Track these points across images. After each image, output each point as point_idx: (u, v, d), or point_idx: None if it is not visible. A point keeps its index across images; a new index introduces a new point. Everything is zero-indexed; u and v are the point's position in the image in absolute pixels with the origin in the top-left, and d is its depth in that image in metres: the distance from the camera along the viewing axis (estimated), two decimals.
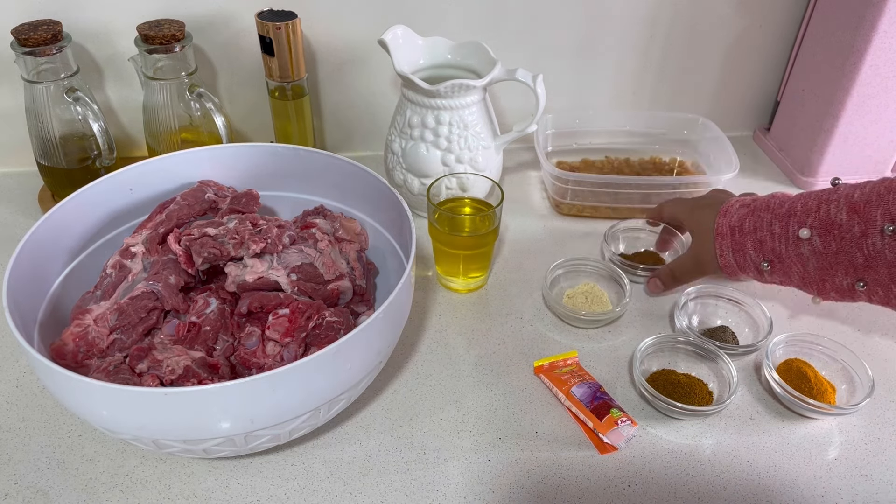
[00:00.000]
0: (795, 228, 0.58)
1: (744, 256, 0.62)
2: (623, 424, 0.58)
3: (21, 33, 0.72)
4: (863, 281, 0.55)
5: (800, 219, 0.58)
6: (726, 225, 0.63)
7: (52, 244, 0.60)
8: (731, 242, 0.62)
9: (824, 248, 0.56)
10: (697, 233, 0.67)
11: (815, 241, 0.57)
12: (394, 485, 0.55)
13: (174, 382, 0.54)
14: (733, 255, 0.62)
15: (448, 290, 0.75)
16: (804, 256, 0.58)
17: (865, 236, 0.54)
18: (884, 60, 0.82)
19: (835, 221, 0.55)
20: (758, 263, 0.61)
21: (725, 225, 0.63)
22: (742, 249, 0.61)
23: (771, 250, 0.60)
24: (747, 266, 0.62)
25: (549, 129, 0.95)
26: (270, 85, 0.84)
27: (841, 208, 0.55)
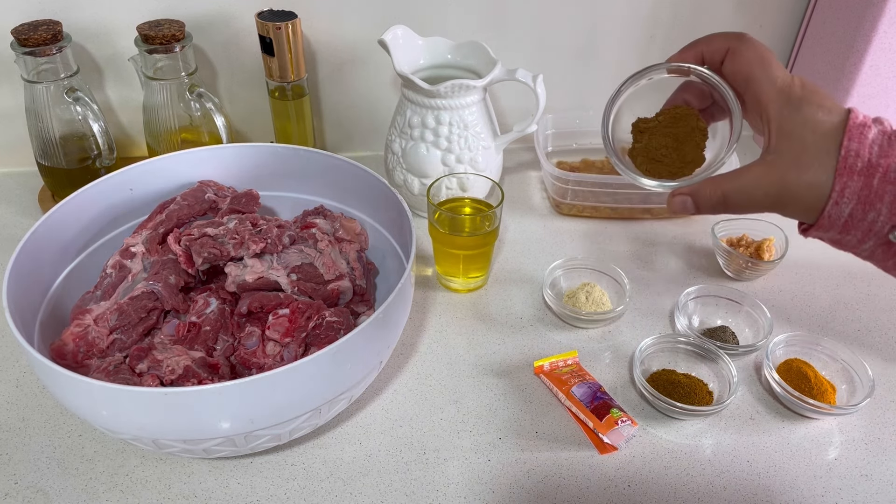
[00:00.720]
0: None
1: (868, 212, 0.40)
2: (623, 424, 0.58)
3: (21, 33, 0.72)
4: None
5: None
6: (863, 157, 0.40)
7: (52, 244, 0.60)
8: (864, 187, 0.40)
9: None
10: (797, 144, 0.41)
11: None
12: (394, 485, 0.55)
13: (174, 382, 0.54)
14: (855, 205, 0.40)
15: (448, 290, 0.75)
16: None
17: None
18: (884, 60, 0.82)
19: None
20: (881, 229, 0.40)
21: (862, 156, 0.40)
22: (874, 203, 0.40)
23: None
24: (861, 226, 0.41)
25: (549, 129, 0.95)
26: (270, 85, 0.84)
27: None
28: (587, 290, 0.73)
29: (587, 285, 0.73)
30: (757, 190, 0.42)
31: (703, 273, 0.79)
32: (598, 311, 0.70)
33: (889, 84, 0.84)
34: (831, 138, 0.41)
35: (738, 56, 0.44)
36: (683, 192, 0.45)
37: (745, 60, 0.44)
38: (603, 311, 0.70)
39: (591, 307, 0.71)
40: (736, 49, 0.44)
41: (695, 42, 0.47)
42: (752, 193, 0.43)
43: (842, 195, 0.40)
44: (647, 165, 0.48)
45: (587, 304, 0.71)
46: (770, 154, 0.42)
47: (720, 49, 0.45)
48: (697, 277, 0.78)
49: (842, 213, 0.41)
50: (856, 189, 0.40)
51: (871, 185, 0.40)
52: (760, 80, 0.43)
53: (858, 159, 0.40)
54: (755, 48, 0.44)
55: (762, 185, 0.42)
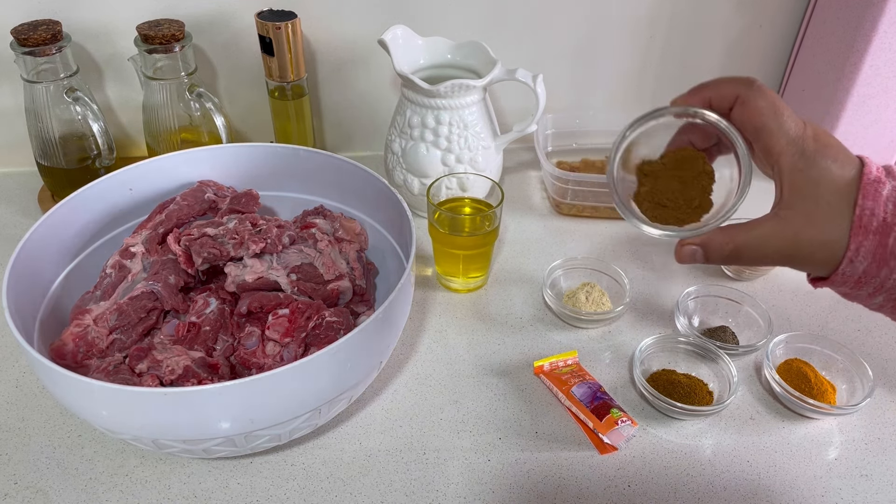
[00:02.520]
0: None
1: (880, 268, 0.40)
2: (623, 424, 0.58)
3: (21, 33, 0.72)
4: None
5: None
6: (878, 216, 0.39)
7: (52, 244, 0.60)
8: (878, 246, 0.39)
9: None
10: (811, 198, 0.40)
11: None
12: (394, 485, 0.55)
13: (174, 382, 0.54)
14: (869, 265, 0.39)
15: (448, 290, 0.75)
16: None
17: None
18: (884, 60, 0.82)
19: None
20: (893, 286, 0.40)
21: (877, 215, 0.39)
22: (887, 260, 0.39)
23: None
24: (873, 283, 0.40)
25: (549, 129, 0.95)
26: (270, 85, 0.84)
27: None
28: (587, 290, 0.73)
29: (587, 285, 0.73)
30: (769, 246, 0.42)
31: (703, 273, 0.79)
32: (598, 312, 0.70)
33: (889, 84, 0.84)
34: (845, 196, 0.40)
35: (748, 104, 0.42)
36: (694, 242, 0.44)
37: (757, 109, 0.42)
38: (603, 311, 0.70)
39: (591, 307, 0.71)
40: (746, 97, 0.42)
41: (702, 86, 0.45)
42: (765, 249, 0.42)
43: (856, 254, 0.39)
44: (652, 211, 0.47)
45: (587, 304, 0.71)
46: (783, 209, 0.41)
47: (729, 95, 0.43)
48: (697, 277, 0.78)
49: (856, 270, 0.40)
50: (871, 248, 0.39)
51: (886, 244, 0.39)
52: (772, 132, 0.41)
53: (874, 218, 0.39)
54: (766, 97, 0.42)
55: (775, 242, 0.41)
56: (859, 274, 0.40)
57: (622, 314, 0.72)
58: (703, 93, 0.44)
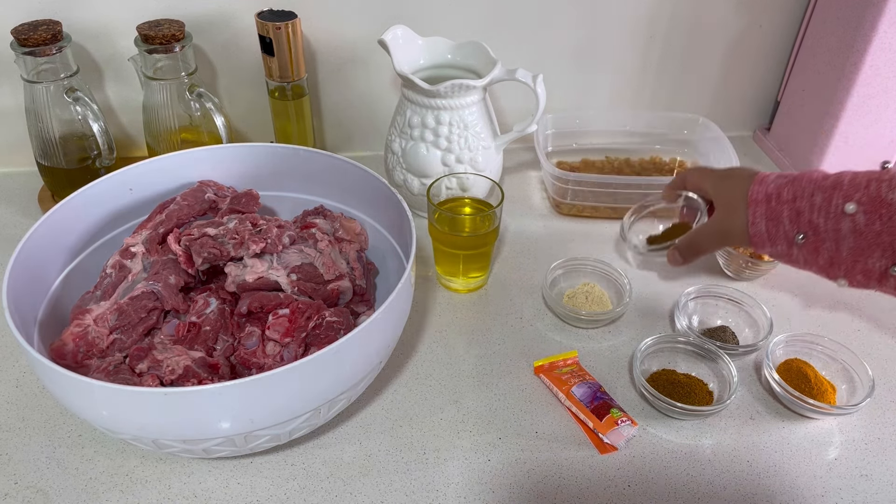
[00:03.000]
0: (840, 202, 0.54)
1: (777, 226, 0.57)
2: (623, 424, 0.58)
3: (21, 33, 0.72)
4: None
5: (846, 192, 0.54)
6: (762, 192, 0.58)
7: (52, 244, 0.60)
8: (767, 210, 0.58)
9: (867, 226, 0.53)
10: (726, 202, 0.62)
11: (860, 218, 0.53)
12: (394, 485, 0.55)
13: (174, 382, 0.54)
14: (766, 223, 0.58)
15: (448, 290, 0.75)
16: (842, 233, 0.54)
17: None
18: (884, 60, 0.82)
19: (885, 200, 0.52)
20: (791, 235, 0.57)
21: (761, 192, 0.58)
22: (777, 218, 0.57)
23: (808, 222, 0.56)
24: (778, 237, 0.58)
25: (549, 129, 0.95)
26: (270, 85, 0.84)
27: (894, 188, 0.52)
28: (587, 290, 0.73)
29: (587, 285, 0.73)
30: (710, 234, 0.65)
31: (703, 273, 0.79)
32: (598, 311, 0.70)
33: (889, 84, 0.84)
34: (744, 190, 0.60)
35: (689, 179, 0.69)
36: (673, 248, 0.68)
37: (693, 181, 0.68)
38: (603, 311, 0.70)
39: (591, 307, 0.71)
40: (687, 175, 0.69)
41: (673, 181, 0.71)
42: (708, 236, 0.65)
43: (754, 217, 0.59)
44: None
45: (587, 304, 0.71)
46: (716, 213, 0.64)
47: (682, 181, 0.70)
48: (697, 277, 0.78)
49: (759, 230, 0.58)
50: (762, 212, 0.58)
51: (772, 206, 0.58)
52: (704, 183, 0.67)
53: (759, 194, 0.59)
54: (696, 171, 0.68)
55: (713, 231, 0.64)
56: (764, 232, 0.58)
57: (622, 314, 0.72)
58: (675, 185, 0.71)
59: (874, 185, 0.53)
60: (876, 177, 0.54)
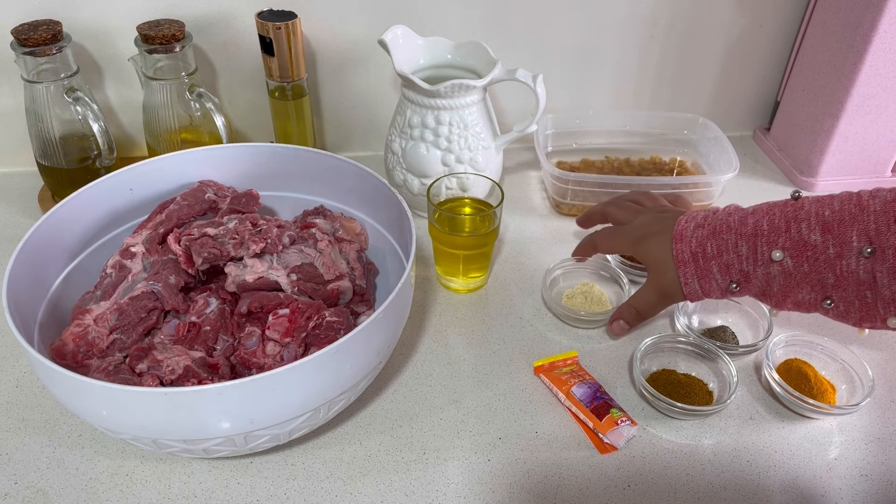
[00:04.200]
0: (766, 249, 0.54)
1: (709, 281, 0.58)
2: (623, 424, 0.58)
3: (21, 33, 0.72)
4: (830, 299, 0.54)
5: (769, 239, 0.54)
6: (687, 251, 0.58)
7: (52, 244, 0.60)
8: (696, 269, 0.58)
9: (795, 268, 0.53)
10: (653, 264, 0.61)
11: (787, 262, 0.54)
12: (394, 485, 0.55)
13: (174, 382, 0.54)
14: (699, 282, 0.58)
15: (448, 290, 0.75)
16: (771, 276, 0.55)
17: (840, 257, 0.52)
18: (884, 60, 0.82)
19: (808, 242, 0.53)
20: (724, 285, 0.57)
21: (686, 251, 0.58)
22: (708, 275, 0.58)
23: (738, 271, 0.56)
24: (713, 290, 0.58)
25: (549, 129, 0.95)
26: (270, 85, 0.84)
27: (813, 228, 0.52)
28: (586, 290, 0.73)
29: (586, 285, 0.73)
30: (650, 298, 0.63)
31: None
32: (598, 312, 0.70)
33: (889, 84, 0.84)
34: (667, 248, 0.60)
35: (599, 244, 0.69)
36: (614, 317, 0.67)
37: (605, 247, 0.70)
38: (602, 311, 0.70)
39: (591, 307, 0.71)
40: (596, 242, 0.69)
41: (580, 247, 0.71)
42: (649, 301, 0.63)
43: (686, 278, 0.59)
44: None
45: (586, 304, 0.71)
46: (648, 277, 0.63)
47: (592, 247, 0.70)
48: None
49: (694, 288, 0.59)
50: (692, 272, 0.58)
51: (700, 265, 0.58)
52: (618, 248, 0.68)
53: (684, 253, 0.59)
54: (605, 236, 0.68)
55: (650, 295, 0.63)
56: (698, 289, 0.59)
57: None
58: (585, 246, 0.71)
59: (794, 228, 0.53)
60: (793, 216, 0.54)
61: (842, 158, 0.92)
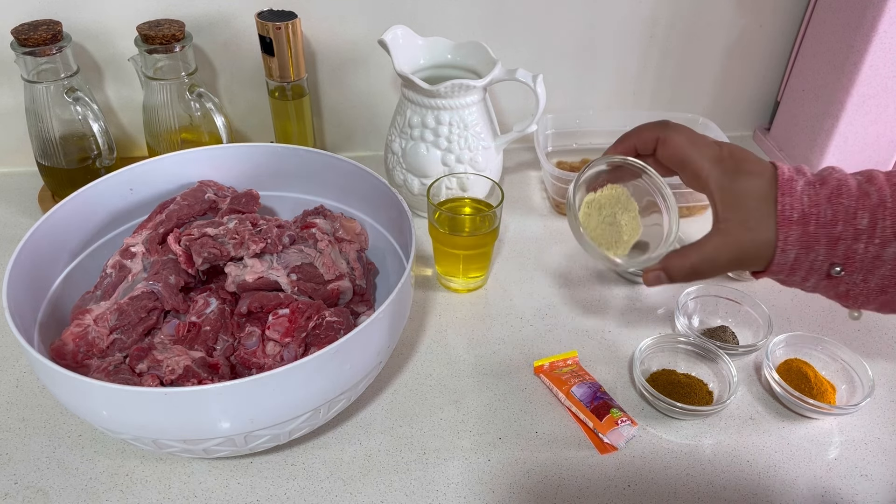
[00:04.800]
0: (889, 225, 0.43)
1: (808, 255, 0.45)
2: (623, 424, 0.58)
3: (21, 33, 0.72)
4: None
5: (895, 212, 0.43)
6: (797, 209, 0.45)
7: (52, 244, 0.60)
8: (802, 235, 0.45)
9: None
10: (741, 210, 0.47)
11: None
12: (394, 485, 0.55)
13: (174, 382, 0.54)
14: (797, 252, 0.45)
15: (448, 290, 0.75)
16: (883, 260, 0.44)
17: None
18: (884, 60, 0.82)
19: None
20: (821, 267, 0.46)
21: (796, 209, 0.45)
22: (812, 247, 0.45)
23: (846, 250, 0.45)
24: (803, 269, 0.46)
25: (549, 129, 0.95)
26: (270, 85, 0.84)
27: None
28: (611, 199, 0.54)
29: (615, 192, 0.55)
30: (719, 257, 0.48)
31: None
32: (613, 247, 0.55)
33: (889, 84, 0.84)
34: (767, 198, 0.46)
35: (668, 142, 0.50)
36: (655, 268, 0.51)
37: (676, 145, 0.50)
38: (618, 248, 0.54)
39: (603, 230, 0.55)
40: (665, 137, 0.50)
41: (626, 135, 0.53)
42: (716, 260, 0.48)
43: (786, 243, 0.45)
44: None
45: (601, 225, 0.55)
46: (721, 223, 0.48)
47: (650, 139, 0.52)
48: None
49: (788, 258, 0.46)
50: (796, 236, 0.45)
51: (808, 231, 0.45)
52: (694, 160, 0.49)
53: (794, 211, 0.45)
54: (681, 132, 0.50)
55: (723, 252, 0.48)
56: (791, 261, 0.46)
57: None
58: (629, 141, 0.53)
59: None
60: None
61: (842, 158, 0.92)
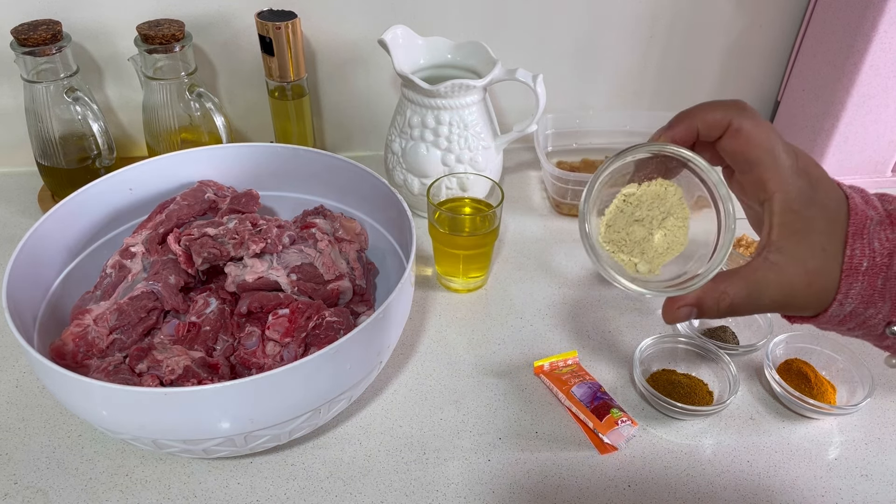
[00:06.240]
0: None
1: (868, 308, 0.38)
2: (623, 424, 0.58)
3: (21, 33, 0.72)
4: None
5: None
6: (866, 257, 0.37)
7: (52, 244, 0.60)
8: (867, 287, 0.38)
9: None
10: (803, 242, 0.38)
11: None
12: (394, 485, 0.55)
13: (174, 382, 0.54)
14: (857, 304, 0.38)
15: (448, 290, 0.75)
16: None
17: None
18: (884, 60, 0.82)
19: None
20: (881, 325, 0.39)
21: (864, 257, 0.37)
22: (875, 301, 0.38)
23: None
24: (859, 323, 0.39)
25: (549, 129, 0.95)
26: (270, 85, 0.84)
27: None
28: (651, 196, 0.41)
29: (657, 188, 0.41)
30: (764, 297, 0.39)
31: None
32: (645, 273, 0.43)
33: (889, 84, 0.84)
34: (836, 236, 0.38)
35: (741, 135, 0.39)
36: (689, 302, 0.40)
37: (752, 141, 0.39)
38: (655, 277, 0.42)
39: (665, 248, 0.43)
40: (740, 125, 0.39)
41: (689, 112, 0.41)
42: (760, 301, 0.39)
43: (846, 297, 0.38)
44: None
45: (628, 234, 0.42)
46: (773, 253, 0.38)
47: (720, 123, 0.40)
48: None
49: (843, 311, 0.39)
50: (860, 290, 0.38)
51: (875, 285, 0.37)
52: (768, 167, 0.38)
53: (864, 259, 0.37)
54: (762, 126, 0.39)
55: (769, 292, 0.39)
56: (845, 314, 0.39)
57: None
58: (689, 121, 0.40)
59: None
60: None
61: (842, 158, 0.92)
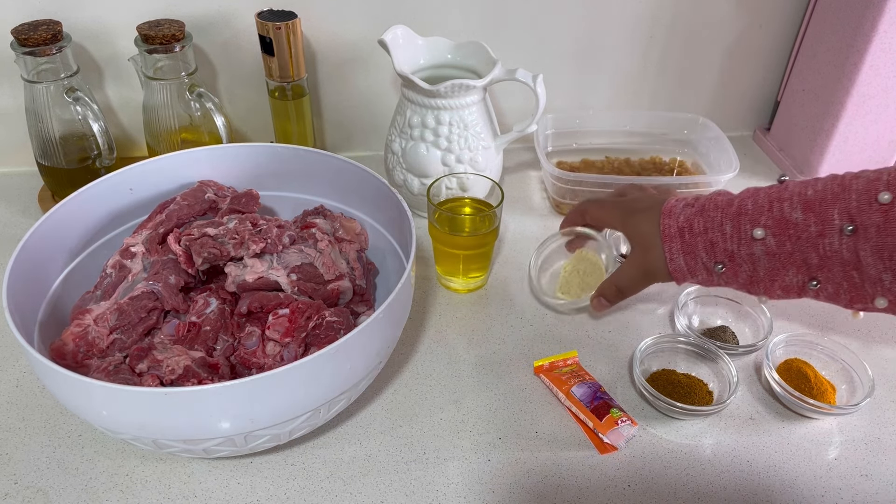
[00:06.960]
0: (748, 228, 0.54)
1: (695, 259, 0.57)
2: (623, 424, 0.58)
3: (21, 33, 0.72)
4: (816, 280, 0.53)
5: (752, 217, 0.54)
6: (674, 226, 0.58)
7: (52, 244, 0.60)
8: (682, 245, 0.57)
9: (778, 247, 0.53)
10: (639, 240, 0.61)
11: (770, 241, 0.53)
12: (394, 485, 0.55)
13: (174, 382, 0.54)
14: (684, 258, 0.57)
15: (448, 290, 0.75)
16: (756, 257, 0.54)
17: (822, 236, 0.51)
18: (884, 60, 0.82)
19: (789, 220, 0.52)
20: (710, 266, 0.57)
21: (673, 226, 0.58)
22: (693, 252, 0.57)
23: (723, 251, 0.56)
24: (697, 269, 0.57)
25: (549, 129, 0.95)
26: (270, 85, 0.84)
27: (795, 206, 0.52)
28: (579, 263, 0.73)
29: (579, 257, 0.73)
30: (634, 276, 0.62)
31: None
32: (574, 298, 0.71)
33: (889, 84, 0.84)
34: (656, 224, 0.59)
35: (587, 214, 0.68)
36: (596, 294, 0.66)
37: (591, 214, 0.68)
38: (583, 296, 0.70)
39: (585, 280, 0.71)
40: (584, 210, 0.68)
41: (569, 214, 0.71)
42: (633, 278, 0.63)
43: (671, 253, 0.58)
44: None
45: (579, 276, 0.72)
46: (631, 252, 0.62)
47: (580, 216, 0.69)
48: None
49: (679, 265, 0.58)
50: (677, 247, 0.58)
51: (686, 241, 0.57)
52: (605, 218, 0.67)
53: (672, 228, 0.58)
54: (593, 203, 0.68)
55: (635, 272, 0.62)
56: (684, 266, 0.58)
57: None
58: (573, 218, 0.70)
59: (776, 207, 0.53)
60: (776, 196, 0.54)
61: (842, 158, 0.92)
